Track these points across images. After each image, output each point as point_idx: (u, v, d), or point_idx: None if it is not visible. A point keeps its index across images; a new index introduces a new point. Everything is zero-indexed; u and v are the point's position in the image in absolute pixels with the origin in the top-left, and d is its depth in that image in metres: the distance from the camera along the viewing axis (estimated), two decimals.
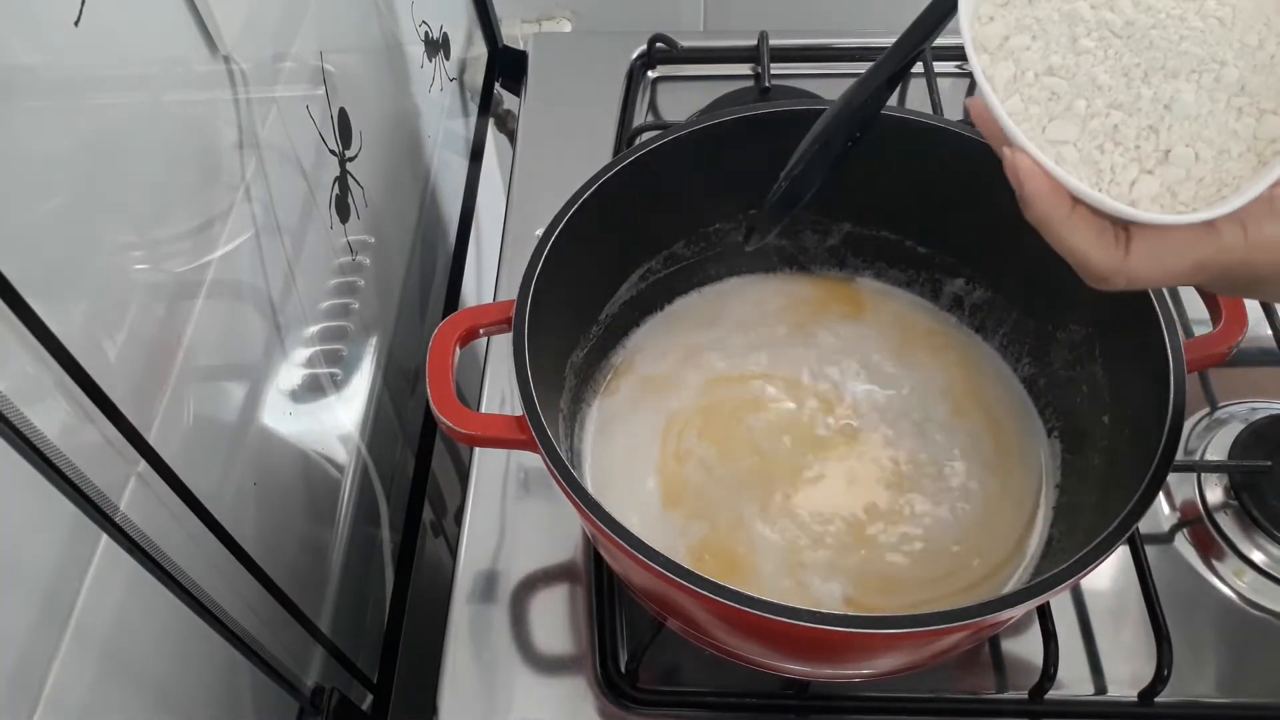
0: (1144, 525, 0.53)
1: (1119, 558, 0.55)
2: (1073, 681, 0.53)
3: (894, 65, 0.42)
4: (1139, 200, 0.34)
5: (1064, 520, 0.53)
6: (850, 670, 0.51)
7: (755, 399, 0.58)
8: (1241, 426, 0.59)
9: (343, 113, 0.66)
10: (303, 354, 0.60)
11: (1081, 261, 0.35)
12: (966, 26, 0.36)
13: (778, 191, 0.48)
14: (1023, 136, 0.35)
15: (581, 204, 0.52)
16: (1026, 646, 0.54)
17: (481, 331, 0.50)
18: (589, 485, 0.55)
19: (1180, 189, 0.34)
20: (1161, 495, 0.59)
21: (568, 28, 1.04)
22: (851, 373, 0.59)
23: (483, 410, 0.64)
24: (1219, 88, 0.34)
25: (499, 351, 0.67)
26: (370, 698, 0.66)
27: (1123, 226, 0.35)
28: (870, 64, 0.43)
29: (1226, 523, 0.57)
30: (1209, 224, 0.34)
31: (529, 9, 1.03)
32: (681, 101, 0.83)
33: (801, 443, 0.56)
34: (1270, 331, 0.64)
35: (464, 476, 0.62)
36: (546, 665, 0.54)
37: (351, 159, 0.68)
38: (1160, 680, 0.50)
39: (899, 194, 0.57)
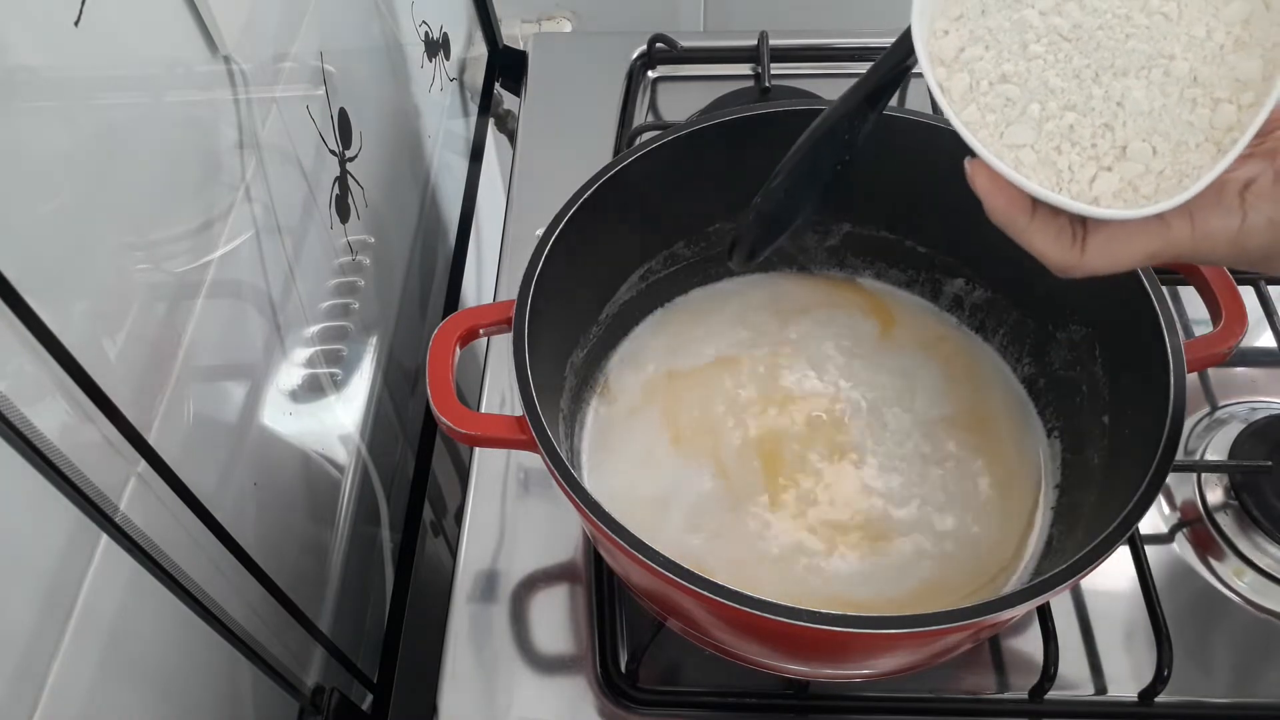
0: (1144, 525, 0.53)
1: (1119, 558, 0.55)
2: (1073, 681, 0.53)
3: (873, 83, 0.43)
4: (1100, 196, 0.35)
5: (1064, 520, 0.53)
6: (850, 670, 0.51)
7: (756, 399, 0.58)
8: (1241, 426, 0.59)
9: (343, 113, 0.66)
10: (303, 354, 0.60)
11: (1042, 258, 0.37)
12: (921, 44, 0.37)
13: (754, 209, 0.48)
14: (980, 145, 0.36)
15: (581, 204, 0.52)
16: (1027, 646, 0.54)
17: (481, 331, 0.50)
18: (588, 485, 0.55)
19: (1141, 183, 0.35)
20: (1161, 495, 0.59)
21: (568, 28, 1.04)
22: (851, 372, 0.59)
23: (483, 410, 0.64)
24: (1170, 81, 0.34)
25: (499, 351, 0.67)
26: (370, 698, 0.66)
27: (1080, 224, 0.36)
28: (866, 64, 0.43)
29: (1227, 523, 0.57)
30: (1159, 218, 0.35)
31: (529, 9, 1.03)
32: (681, 101, 0.83)
33: (802, 442, 0.56)
34: (1270, 331, 0.64)
35: (464, 476, 0.62)
36: (546, 665, 0.54)
37: (351, 159, 0.68)
38: (1160, 680, 0.50)
39: (899, 194, 0.57)
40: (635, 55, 0.85)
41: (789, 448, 0.56)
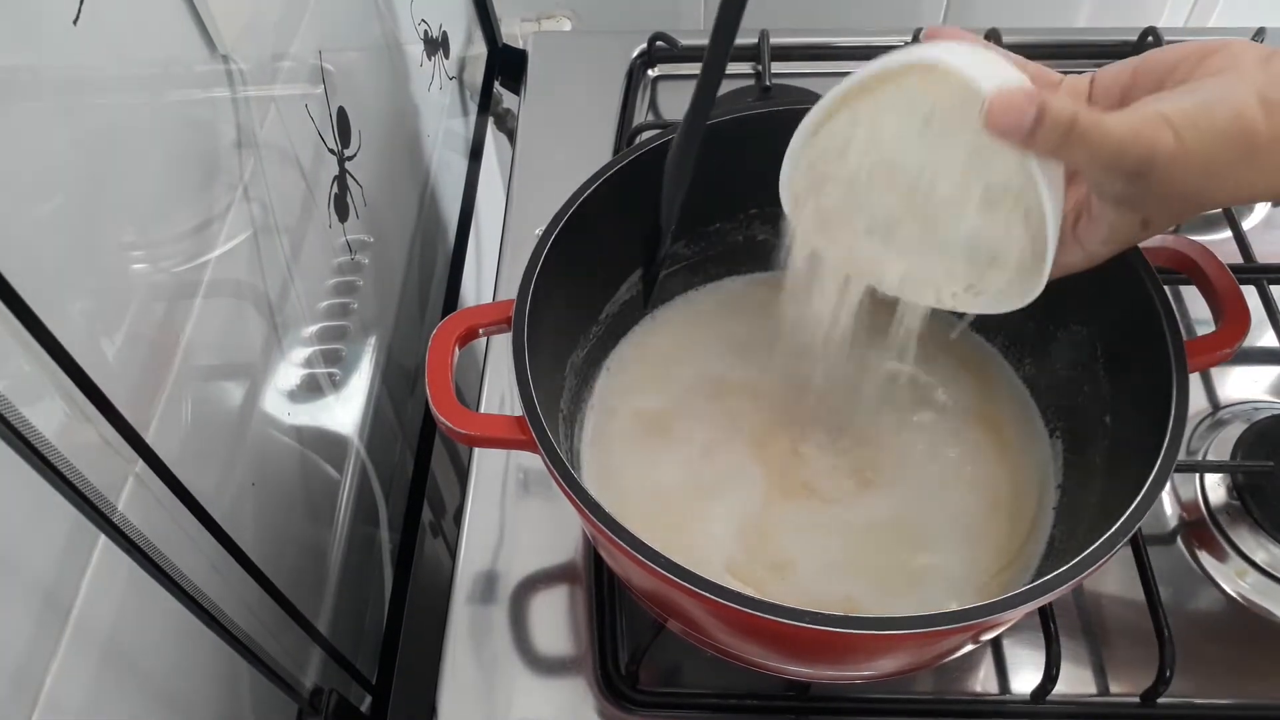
0: (1146, 526, 0.53)
1: (1121, 558, 0.55)
2: (1075, 683, 0.53)
3: (704, 113, 0.44)
4: (986, 288, 0.43)
5: (1066, 521, 0.52)
6: (851, 671, 0.50)
7: (756, 397, 0.58)
8: (1244, 427, 0.59)
9: (341, 112, 0.66)
10: (301, 354, 0.60)
11: None
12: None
13: (656, 265, 0.53)
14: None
15: (581, 203, 0.52)
16: (1028, 648, 0.53)
17: (481, 331, 0.50)
18: (588, 485, 0.55)
19: (1021, 263, 0.41)
20: (1164, 495, 0.59)
21: (568, 26, 1.04)
22: (851, 371, 0.59)
23: (483, 410, 0.64)
24: (977, 201, 0.40)
25: (499, 351, 0.67)
26: (369, 699, 0.66)
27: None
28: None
29: (1229, 523, 0.57)
30: (1056, 260, 0.40)
31: (529, 8, 1.03)
32: (681, 101, 0.82)
33: (802, 441, 0.56)
34: (1273, 331, 0.63)
35: (464, 476, 0.62)
36: (546, 666, 0.54)
37: (350, 158, 0.68)
38: (1162, 681, 0.50)
39: None
40: (635, 54, 0.84)
41: (790, 447, 0.56)
